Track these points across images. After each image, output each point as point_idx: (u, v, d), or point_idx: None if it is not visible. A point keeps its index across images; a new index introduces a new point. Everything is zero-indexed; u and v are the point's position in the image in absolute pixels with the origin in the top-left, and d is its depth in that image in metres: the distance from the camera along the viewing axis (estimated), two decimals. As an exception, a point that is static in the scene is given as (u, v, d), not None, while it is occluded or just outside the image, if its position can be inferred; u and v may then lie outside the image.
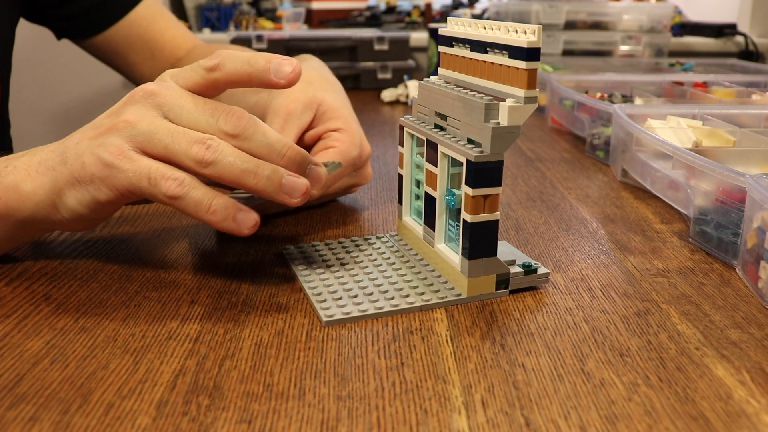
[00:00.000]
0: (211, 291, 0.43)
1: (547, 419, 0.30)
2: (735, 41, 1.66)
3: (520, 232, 0.54)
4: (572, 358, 0.35)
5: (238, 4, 1.66)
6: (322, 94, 0.55)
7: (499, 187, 0.40)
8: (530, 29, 0.38)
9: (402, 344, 0.37)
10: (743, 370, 0.35)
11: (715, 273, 0.47)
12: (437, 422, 0.30)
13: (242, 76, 0.41)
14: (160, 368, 0.34)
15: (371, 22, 1.70)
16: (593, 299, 0.42)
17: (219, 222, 0.39)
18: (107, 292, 0.42)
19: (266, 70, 0.40)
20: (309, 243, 0.50)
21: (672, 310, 0.41)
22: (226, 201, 0.40)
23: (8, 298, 0.42)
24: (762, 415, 0.31)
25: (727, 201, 0.49)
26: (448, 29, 0.45)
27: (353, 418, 0.30)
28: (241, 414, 0.30)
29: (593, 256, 0.49)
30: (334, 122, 0.54)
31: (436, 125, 0.45)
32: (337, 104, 0.55)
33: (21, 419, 0.30)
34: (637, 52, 1.51)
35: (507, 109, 0.38)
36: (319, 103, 0.54)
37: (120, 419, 0.30)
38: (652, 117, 0.74)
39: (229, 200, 0.40)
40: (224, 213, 0.39)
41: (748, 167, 0.58)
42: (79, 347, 0.36)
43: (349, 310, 0.39)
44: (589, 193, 0.65)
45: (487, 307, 0.41)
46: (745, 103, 0.88)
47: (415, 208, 0.49)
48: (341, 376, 0.33)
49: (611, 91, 0.94)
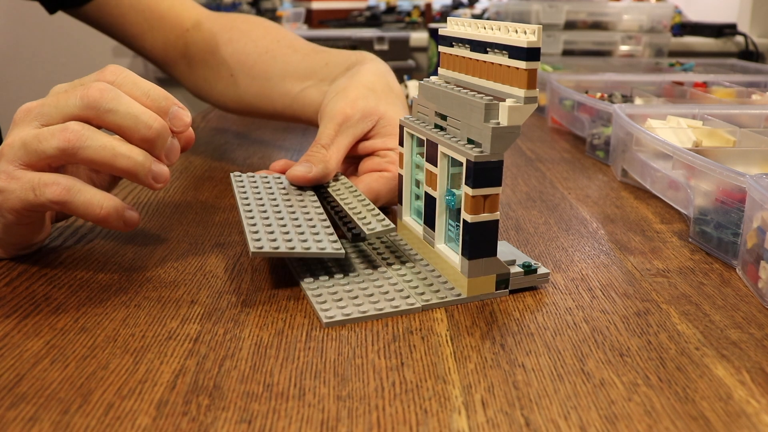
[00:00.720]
0: (211, 291, 0.43)
1: (547, 419, 0.30)
2: (735, 41, 1.66)
3: (520, 232, 0.54)
4: (572, 358, 0.35)
5: (238, 4, 1.66)
6: (385, 106, 0.53)
7: (499, 187, 0.40)
8: (530, 29, 0.38)
9: (402, 344, 0.37)
10: (743, 370, 0.35)
11: (715, 273, 0.47)
12: (437, 422, 0.30)
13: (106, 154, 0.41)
14: (160, 368, 0.34)
15: (371, 22, 1.70)
16: (593, 299, 0.42)
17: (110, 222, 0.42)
18: (107, 292, 0.42)
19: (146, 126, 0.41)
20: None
21: (672, 310, 0.41)
22: (115, 201, 0.42)
23: (8, 298, 0.42)
24: (762, 415, 0.31)
25: (727, 201, 0.49)
26: (448, 29, 0.45)
27: (353, 418, 0.30)
28: (241, 414, 0.30)
29: (593, 256, 0.50)
30: (392, 140, 0.52)
31: (436, 125, 0.45)
32: (396, 119, 0.53)
33: (21, 419, 0.30)
34: (637, 52, 1.51)
35: (507, 109, 0.39)
36: (380, 116, 0.52)
37: (120, 419, 0.30)
38: (652, 117, 0.74)
39: (117, 200, 0.42)
40: (115, 213, 0.42)
41: (748, 167, 0.58)
42: (79, 347, 0.36)
43: (349, 311, 0.39)
44: (589, 193, 0.65)
45: (487, 307, 0.41)
46: (745, 103, 0.88)
47: (415, 208, 0.49)
48: (341, 376, 0.33)
49: (611, 91, 0.94)
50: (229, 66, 0.71)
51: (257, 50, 0.70)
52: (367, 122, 0.52)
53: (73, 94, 0.41)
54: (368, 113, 0.52)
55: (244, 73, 0.70)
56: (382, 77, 0.56)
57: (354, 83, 0.54)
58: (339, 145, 0.51)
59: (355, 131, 0.52)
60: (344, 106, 0.52)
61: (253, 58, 0.69)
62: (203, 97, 0.78)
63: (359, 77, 0.55)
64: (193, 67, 0.76)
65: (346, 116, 0.51)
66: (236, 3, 1.66)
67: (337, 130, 0.51)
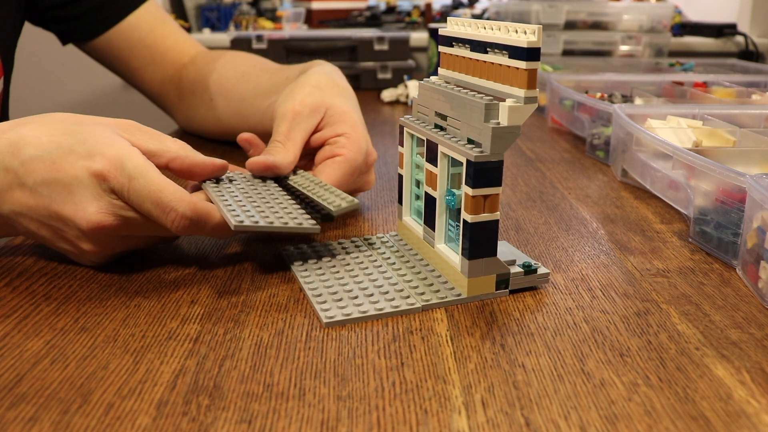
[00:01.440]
0: (211, 291, 0.43)
1: (547, 419, 0.30)
2: (735, 41, 1.66)
3: (520, 232, 0.54)
4: (572, 358, 0.35)
5: (238, 4, 1.66)
6: (330, 98, 0.55)
7: (499, 187, 0.40)
8: (530, 29, 0.38)
9: (402, 344, 0.37)
10: (743, 370, 0.35)
11: (715, 273, 0.47)
12: (437, 422, 0.30)
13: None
14: (160, 368, 0.34)
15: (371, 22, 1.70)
16: (593, 299, 0.42)
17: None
18: (107, 292, 0.42)
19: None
20: (308, 244, 0.50)
21: (672, 310, 0.41)
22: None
23: (8, 298, 0.42)
24: (762, 415, 0.31)
25: (727, 201, 0.49)
26: (448, 29, 0.45)
27: (353, 418, 0.30)
28: (241, 414, 0.30)
29: (593, 256, 0.49)
30: (341, 126, 0.54)
31: (436, 125, 0.45)
32: (344, 108, 0.55)
33: (21, 419, 0.30)
34: (637, 52, 1.51)
35: (507, 109, 0.38)
36: (327, 107, 0.55)
37: (120, 419, 0.30)
38: (652, 117, 0.74)
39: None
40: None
41: (748, 167, 0.58)
42: (79, 347, 0.36)
43: (349, 312, 0.39)
44: (589, 193, 0.65)
45: (487, 307, 0.41)
46: (745, 103, 0.88)
47: (415, 208, 0.49)
48: (341, 376, 0.33)
49: (611, 91, 0.94)
50: (211, 92, 0.78)
51: (236, 75, 0.76)
52: (316, 115, 0.55)
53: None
54: (315, 107, 0.55)
55: (222, 96, 0.76)
56: (326, 76, 0.59)
57: (300, 84, 0.57)
58: (294, 139, 0.53)
59: (306, 126, 0.54)
60: (293, 104, 0.54)
61: (232, 82, 0.76)
62: (188, 126, 0.85)
63: (305, 79, 0.58)
64: (182, 98, 0.82)
65: (295, 113, 0.54)
66: (236, 3, 1.66)
67: (289, 126, 0.53)
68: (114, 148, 0.41)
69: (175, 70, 0.82)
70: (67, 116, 0.44)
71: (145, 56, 0.81)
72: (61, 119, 0.44)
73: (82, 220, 0.41)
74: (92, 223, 0.41)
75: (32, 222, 0.43)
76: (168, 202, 0.41)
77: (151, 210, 0.41)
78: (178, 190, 0.42)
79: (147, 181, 0.41)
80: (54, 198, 0.41)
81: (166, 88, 0.83)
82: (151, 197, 0.41)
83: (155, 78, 0.82)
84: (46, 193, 0.41)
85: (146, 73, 0.82)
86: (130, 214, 0.42)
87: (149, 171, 0.41)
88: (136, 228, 0.43)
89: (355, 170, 0.54)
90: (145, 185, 0.41)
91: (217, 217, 0.43)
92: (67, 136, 0.42)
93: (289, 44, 1.30)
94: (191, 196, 0.43)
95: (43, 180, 0.41)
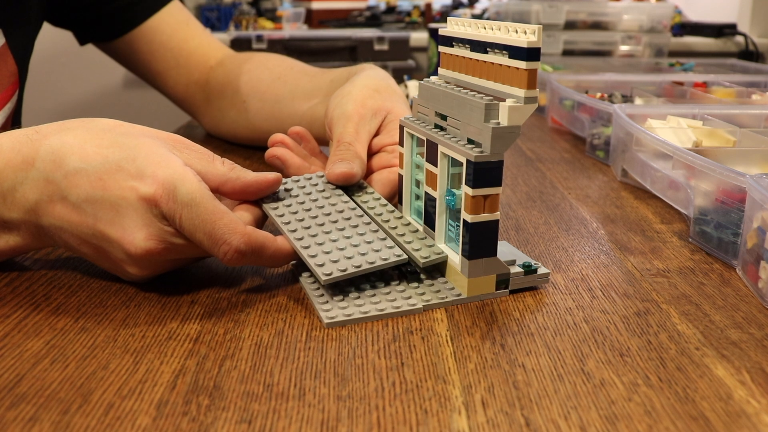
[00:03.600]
0: (211, 291, 0.43)
1: (547, 419, 0.30)
2: (735, 41, 1.66)
3: (520, 232, 0.54)
4: (572, 358, 0.35)
5: (238, 4, 1.66)
6: (390, 103, 0.55)
7: (499, 187, 0.40)
8: (530, 29, 0.38)
9: (402, 344, 0.37)
10: (743, 370, 0.35)
11: (715, 273, 0.47)
12: (437, 422, 0.30)
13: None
14: (160, 368, 0.34)
15: (371, 22, 1.70)
16: (593, 299, 0.42)
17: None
18: (107, 292, 0.42)
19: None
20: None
21: (672, 310, 0.41)
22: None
23: (8, 298, 0.41)
24: (762, 415, 0.31)
25: (727, 201, 0.49)
26: (448, 29, 0.45)
27: (353, 418, 0.30)
28: (241, 414, 0.30)
29: (593, 256, 0.49)
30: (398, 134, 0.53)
31: (436, 125, 0.45)
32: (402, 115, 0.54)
33: (21, 419, 0.30)
34: (637, 52, 1.51)
35: (507, 109, 0.38)
36: (387, 112, 0.54)
37: (120, 419, 0.30)
38: (652, 117, 0.74)
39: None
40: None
41: (748, 167, 0.58)
42: (79, 347, 0.36)
43: (350, 312, 0.39)
44: (589, 193, 0.65)
45: (487, 307, 0.41)
46: (745, 103, 0.88)
47: (415, 208, 0.49)
48: (341, 376, 0.33)
49: (611, 91, 0.94)
50: (243, 93, 0.75)
51: (271, 76, 0.74)
52: (378, 118, 0.54)
53: None
54: (377, 110, 0.54)
55: (256, 98, 0.74)
56: (382, 80, 0.58)
57: (358, 86, 0.55)
58: (362, 141, 0.52)
59: (369, 128, 0.53)
60: (355, 106, 0.53)
61: (266, 83, 0.73)
62: (216, 130, 0.82)
63: (361, 81, 0.56)
64: (210, 101, 0.79)
65: (360, 115, 0.52)
66: (236, 3, 1.66)
67: (356, 128, 0.52)
68: (166, 168, 0.38)
69: (201, 74, 0.80)
70: (113, 124, 0.42)
71: (168, 59, 0.79)
72: (107, 127, 0.41)
73: (131, 246, 0.38)
74: (141, 249, 0.38)
75: (73, 238, 0.40)
76: (221, 235, 0.39)
77: (202, 240, 0.39)
78: (232, 220, 0.39)
79: (200, 209, 0.38)
80: (100, 217, 0.39)
81: (192, 91, 0.80)
82: (204, 228, 0.38)
83: (180, 82, 0.80)
84: (90, 210, 0.39)
85: (170, 77, 0.80)
86: (180, 241, 0.40)
87: (203, 197, 0.39)
88: (184, 253, 0.41)
89: None
90: (198, 214, 0.38)
91: (272, 248, 0.41)
92: (115, 149, 0.39)
93: (289, 44, 1.31)
94: (246, 227, 0.40)
95: (88, 196, 0.38)
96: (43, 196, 0.39)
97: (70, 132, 0.40)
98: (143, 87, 0.91)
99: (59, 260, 0.47)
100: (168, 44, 0.78)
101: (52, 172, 0.39)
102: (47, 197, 0.39)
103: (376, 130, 0.54)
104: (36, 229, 0.41)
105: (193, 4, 1.69)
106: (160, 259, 0.40)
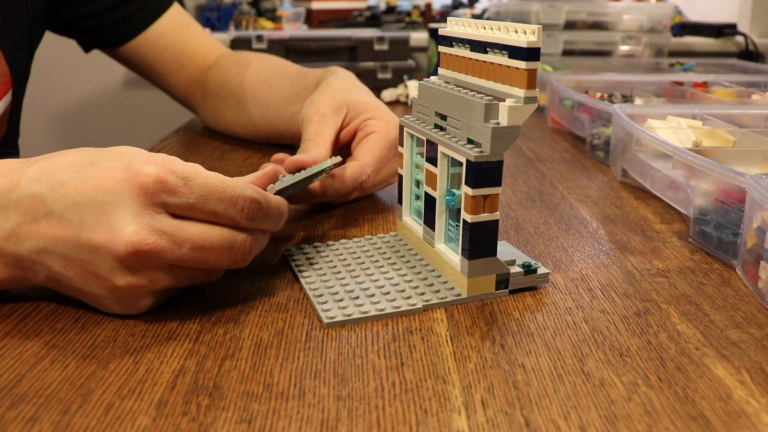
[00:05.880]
0: (211, 291, 0.43)
1: (547, 419, 0.30)
2: (735, 41, 1.66)
3: (520, 232, 0.54)
4: (572, 358, 0.35)
5: (238, 4, 1.66)
6: (349, 96, 0.59)
7: (499, 187, 0.40)
8: (530, 29, 0.38)
9: (402, 344, 0.37)
10: (743, 370, 0.35)
11: (715, 273, 0.47)
12: (437, 422, 0.30)
13: None
14: (160, 368, 0.34)
15: (371, 22, 1.70)
16: (593, 299, 0.42)
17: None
18: (107, 292, 0.42)
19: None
20: (310, 243, 0.50)
21: (672, 310, 0.41)
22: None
23: (8, 298, 0.41)
24: (762, 415, 0.31)
25: (727, 201, 0.49)
26: (448, 29, 0.45)
27: (353, 418, 0.30)
28: (241, 414, 0.31)
29: (593, 256, 0.49)
30: (367, 112, 0.58)
31: (436, 125, 0.45)
32: (365, 99, 0.59)
33: (21, 419, 0.30)
34: (637, 52, 1.51)
35: (507, 109, 0.39)
36: (348, 103, 0.58)
37: (120, 419, 0.30)
38: (652, 117, 0.74)
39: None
40: None
41: (748, 167, 0.58)
42: (79, 347, 0.36)
43: (350, 312, 0.39)
44: (589, 193, 0.65)
45: (487, 307, 0.41)
46: (745, 103, 0.88)
47: (415, 208, 0.49)
48: (341, 376, 0.33)
49: (611, 91, 0.94)
50: (236, 95, 0.79)
51: (258, 80, 0.78)
52: (340, 113, 0.58)
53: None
54: (337, 107, 0.58)
55: (248, 101, 0.78)
56: (342, 81, 0.62)
57: (319, 93, 0.60)
58: (323, 136, 0.56)
59: (332, 124, 0.57)
60: (315, 108, 0.58)
61: (255, 87, 0.78)
62: (213, 125, 0.87)
63: (325, 87, 0.61)
64: (206, 99, 0.84)
65: (321, 116, 0.57)
66: (236, 3, 1.66)
67: (317, 128, 0.56)
68: (155, 157, 0.38)
69: (200, 72, 0.83)
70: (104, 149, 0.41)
71: (172, 62, 0.82)
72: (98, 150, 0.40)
73: (119, 242, 0.36)
74: (131, 244, 0.36)
75: (58, 259, 0.37)
76: (233, 191, 0.38)
77: (216, 207, 0.38)
78: (234, 179, 0.39)
79: (205, 179, 0.38)
80: (86, 223, 0.37)
81: (191, 89, 0.85)
82: (216, 193, 0.38)
83: (181, 81, 0.84)
84: (76, 219, 0.37)
85: (172, 78, 0.84)
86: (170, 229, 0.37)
87: (200, 169, 0.38)
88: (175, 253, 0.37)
89: (392, 143, 0.57)
90: (204, 183, 0.38)
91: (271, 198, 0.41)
92: (103, 154, 0.39)
93: (289, 44, 1.30)
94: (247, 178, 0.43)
95: (74, 203, 0.37)
96: (27, 217, 0.37)
97: (61, 155, 0.40)
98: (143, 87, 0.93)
99: (59, 260, 0.47)
100: (172, 47, 0.81)
101: (37, 187, 0.37)
102: (31, 217, 0.37)
103: (341, 122, 0.58)
104: (13, 259, 0.38)
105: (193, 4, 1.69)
106: (153, 260, 0.37)
